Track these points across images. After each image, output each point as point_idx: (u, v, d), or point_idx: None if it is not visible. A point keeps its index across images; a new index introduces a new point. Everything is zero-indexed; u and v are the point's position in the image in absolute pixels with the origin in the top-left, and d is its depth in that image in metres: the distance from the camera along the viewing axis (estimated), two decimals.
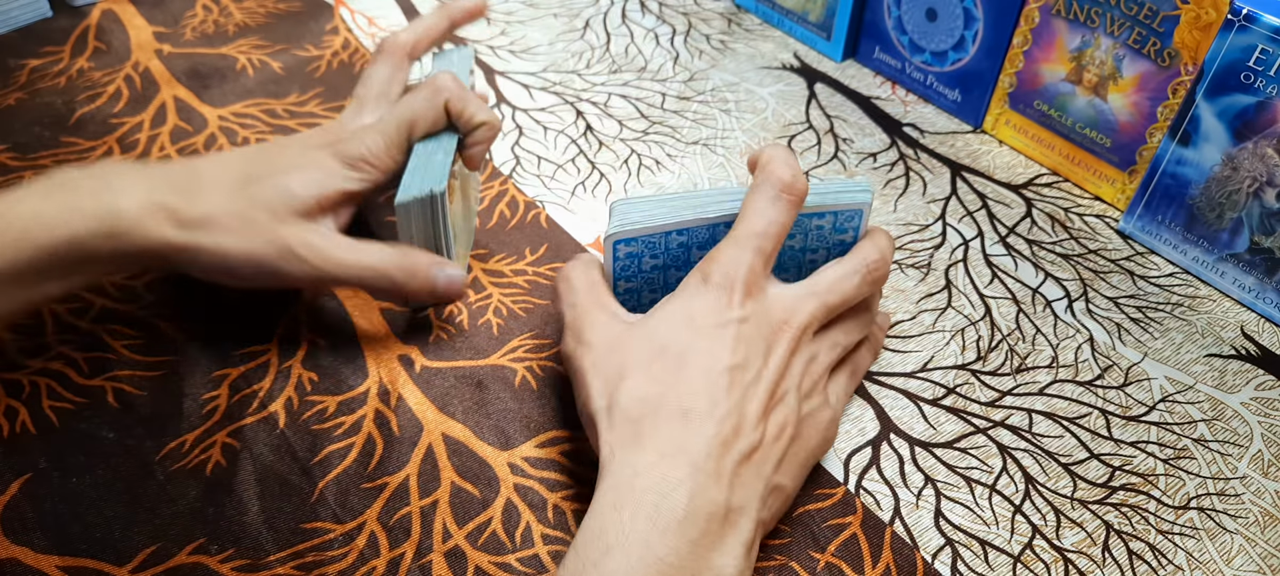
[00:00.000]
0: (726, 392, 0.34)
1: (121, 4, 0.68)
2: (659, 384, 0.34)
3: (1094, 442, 0.43)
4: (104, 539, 0.37)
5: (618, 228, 0.38)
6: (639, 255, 0.39)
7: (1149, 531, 0.39)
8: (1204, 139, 0.47)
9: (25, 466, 0.40)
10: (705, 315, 0.35)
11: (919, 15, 0.60)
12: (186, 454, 0.40)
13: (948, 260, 0.52)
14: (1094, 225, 0.54)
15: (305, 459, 0.40)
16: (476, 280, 0.49)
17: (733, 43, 0.68)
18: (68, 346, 0.44)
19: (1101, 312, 0.49)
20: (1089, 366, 0.46)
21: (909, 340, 0.47)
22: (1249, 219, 0.48)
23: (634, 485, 0.32)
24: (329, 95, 0.61)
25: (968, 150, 0.59)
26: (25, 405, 0.42)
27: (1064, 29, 0.53)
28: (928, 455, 0.42)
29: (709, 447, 0.32)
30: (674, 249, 0.40)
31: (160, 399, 0.42)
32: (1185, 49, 0.48)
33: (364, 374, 0.44)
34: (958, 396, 0.45)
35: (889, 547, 0.38)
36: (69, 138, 0.56)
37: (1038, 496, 0.41)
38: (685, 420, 0.33)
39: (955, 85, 0.61)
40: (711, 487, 0.32)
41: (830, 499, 0.40)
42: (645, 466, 0.32)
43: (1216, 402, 0.45)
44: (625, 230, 0.38)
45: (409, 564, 0.37)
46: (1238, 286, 0.50)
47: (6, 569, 0.36)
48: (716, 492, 0.32)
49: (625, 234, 0.38)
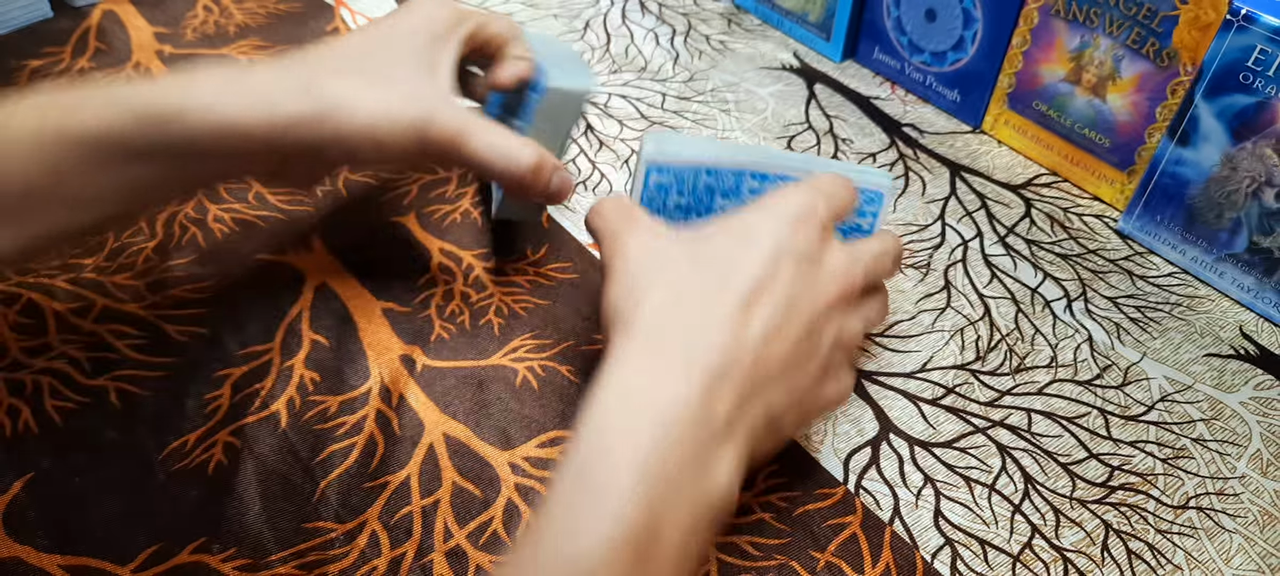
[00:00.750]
0: (762, 318, 0.32)
1: (122, 5, 0.68)
2: (695, 295, 0.33)
3: (1093, 442, 0.43)
4: (106, 538, 0.37)
5: (654, 153, 0.38)
6: (667, 188, 0.39)
7: (1148, 531, 0.40)
8: (1203, 139, 0.48)
9: (28, 465, 0.40)
10: (763, 236, 0.34)
11: (918, 16, 0.60)
12: (188, 453, 0.40)
13: (947, 260, 0.52)
14: (1093, 225, 0.54)
15: (307, 458, 0.40)
16: (478, 280, 0.49)
17: (732, 43, 0.68)
18: (70, 346, 0.45)
19: (1100, 312, 0.49)
20: (1088, 366, 0.46)
21: (908, 340, 0.47)
22: (1248, 219, 0.48)
23: (640, 387, 0.31)
24: None
25: (967, 150, 0.60)
26: (28, 404, 0.42)
27: (1063, 29, 0.53)
28: (927, 455, 0.42)
29: (726, 365, 0.31)
30: (701, 191, 0.39)
31: (162, 398, 0.43)
32: (1184, 49, 0.48)
33: (366, 374, 0.44)
34: (957, 396, 0.45)
35: (889, 547, 0.39)
36: None
37: (1037, 496, 0.41)
38: (709, 333, 0.32)
39: (954, 85, 0.61)
40: (719, 402, 0.31)
41: (830, 498, 0.40)
42: (658, 370, 0.31)
43: (1215, 402, 0.45)
44: (662, 158, 0.38)
45: (410, 563, 0.37)
46: (1236, 286, 0.50)
47: (9, 568, 0.36)
48: (722, 408, 0.31)
49: (661, 162, 0.38)
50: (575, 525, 0.28)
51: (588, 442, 0.30)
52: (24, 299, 0.47)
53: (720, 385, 0.31)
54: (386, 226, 0.52)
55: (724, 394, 0.31)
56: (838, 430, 0.43)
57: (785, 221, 0.34)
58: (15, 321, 0.46)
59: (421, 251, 0.50)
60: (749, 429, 0.32)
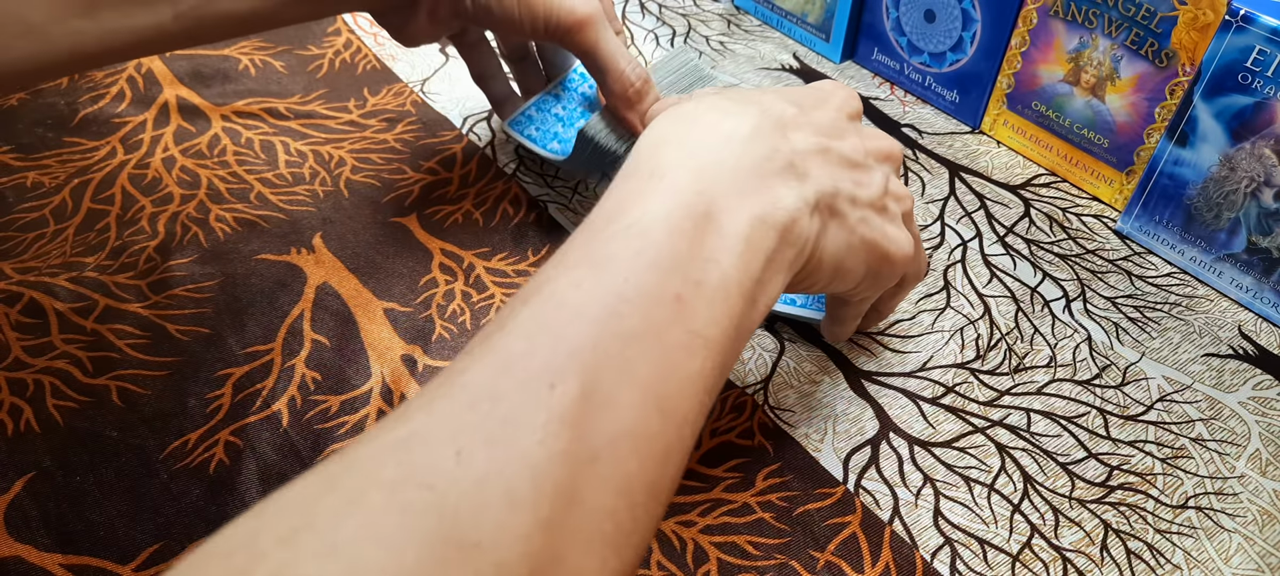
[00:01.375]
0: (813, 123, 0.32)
1: None
2: (737, 101, 0.32)
3: (1092, 442, 0.43)
4: (107, 537, 0.38)
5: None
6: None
7: (1147, 530, 0.40)
8: (1201, 139, 0.48)
9: (29, 465, 0.40)
10: (810, 93, 0.35)
11: (917, 16, 0.61)
12: (190, 453, 0.41)
13: (946, 260, 0.52)
14: (1092, 225, 0.55)
15: (308, 458, 0.41)
16: (479, 279, 0.49)
17: (732, 44, 0.69)
18: (72, 345, 0.45)
19: (1099, 312, 0.49)
20: (1087, 366, 0.46)
21: (908, 340, 0.47)
22: (1246, 219, 0.48)
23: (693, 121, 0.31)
24: (332, 95, 0.61)
25: (966, 151, 0.60)
26: (29, 404, 0.42)
27: (1062, 30, 0.53)
28: (927, 454, 0.42)
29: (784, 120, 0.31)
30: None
31: (164, 398, 0.43)
32: (1183, 50, 0.48)
33: (367, 373, 0.44)
34: (956, 395, 0.45)
35: (888, 546, 0.39)
36: (72, 138, 0.56)
37: (1036, 495, 0.41)
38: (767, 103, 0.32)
39: (953, 86, 0.61)
40: (780, 139, 0.30)
41: (830, 498, 0.40)
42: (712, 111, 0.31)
43: (1214, 402, 0.45)
44: None
45: None
46: (1235, 286, 0.50)
47: (10, 567, 0.37)
48: (784, 145, 0.30)
49: None
50: (631, 203, 0.28)
51: (641, 155, 0.30)
52: (26, 298, 0.47)
53: (779, 129, 0.31)
54: (388, 226, 0.52)
55: (784, 135, 0.31)
56: (837, 429, 0.43)
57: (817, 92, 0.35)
58: (17, 321, 0.46)
59: (423, 251, 0.50)
60: (816, 185, 0.31)
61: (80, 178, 0.54)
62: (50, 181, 0.53)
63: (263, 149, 0.57)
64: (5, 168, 0.54)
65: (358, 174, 0.55)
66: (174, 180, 0.54)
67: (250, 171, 0.55)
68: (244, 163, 0.55)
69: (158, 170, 0.55)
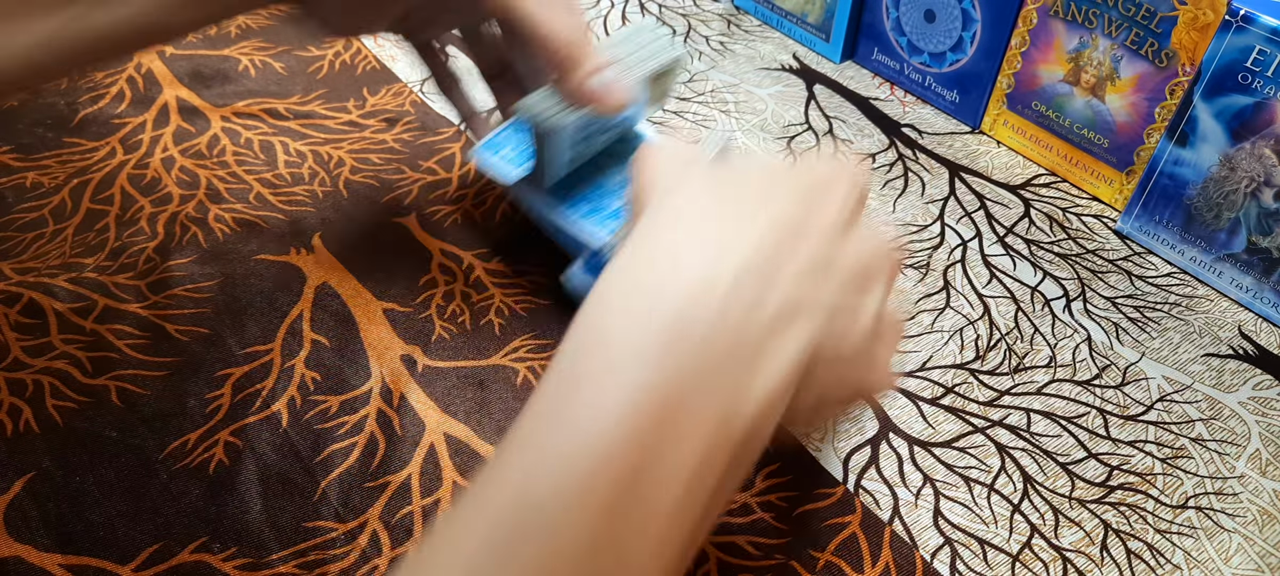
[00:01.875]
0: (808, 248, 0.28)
1: None
2: (731, 198, 0.29)
3: (1092, 442, 0.43)
4: (107, 537, 0.38)
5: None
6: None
7: (1147, 530, 0.40)
8: (1201, 139, 0.48)
9: (28, 465, 0.40)
10: (822, 177, 0.30)
11: (917, 16, 0.61)
12: (189, 453, 0.41)
13: (946, 260, 0.52)
14: (1092, 225, 0.55)
15: (308, 458, 0.41)
16: (478, 280, 0.49)
17: (732, 44, 0.69)
18: (72, 346, 0.45)
19: (1099, 312, 0.49)
20: (1087, 366, 0.46)
21: (908, 340, 0.47)
22: (1246, 219, 0.48)
23: (665, 258, 0.27)
24: (331, 96, 0.61)
25: (966, 151, 0.60)
26: (29, 404, 0.42)
27: (1062, 30, 0.53)
28: (926, 454, 0.42)
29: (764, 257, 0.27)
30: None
31: (163, 398, 0.43)
32: (1183, 50, 0.48)
33: (367, 373, 0.44)
34: (956, 395, 0.45)
35: (888, 546, 0.39)
36: (72, 138, 0.56)
37: (1036, 495, 0.41)
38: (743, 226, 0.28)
39: (953, 86, 0.61)
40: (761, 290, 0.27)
41: (829, 498, 0.40)
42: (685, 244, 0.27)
43: (1214, 402, 0.45)
44: None
45: None
46: (1235, 286, 0.50)
47: (10, 567, 0.37)
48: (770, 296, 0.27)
49: None
50: (585, 397, 0.25)
51: (601, 310, 0.27)
52: (25, 298, 0.47)
53: (772, 261, 0.27)
54: (387, 226, 0.52)
55: (778, 269, 0.27)
56: (837, 429, 0.43)
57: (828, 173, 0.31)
58: (16, 321, 0.46)
59: (422, 251, 0.50)
60: (809, 331, 0.27)
61: (80, 178, 0.54)
62: (50, 182, 0.53)
63: (262, 149, 0.57)
64: (5, 168, 0.54)
65: (357, 174, 0.55)
66: (173, 180, 0.54)
67: (249, 172, 0.55)
68: (243, 163, 0.55)
69: (157, 170, 0.55)
